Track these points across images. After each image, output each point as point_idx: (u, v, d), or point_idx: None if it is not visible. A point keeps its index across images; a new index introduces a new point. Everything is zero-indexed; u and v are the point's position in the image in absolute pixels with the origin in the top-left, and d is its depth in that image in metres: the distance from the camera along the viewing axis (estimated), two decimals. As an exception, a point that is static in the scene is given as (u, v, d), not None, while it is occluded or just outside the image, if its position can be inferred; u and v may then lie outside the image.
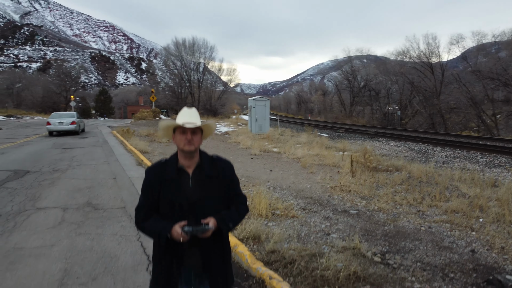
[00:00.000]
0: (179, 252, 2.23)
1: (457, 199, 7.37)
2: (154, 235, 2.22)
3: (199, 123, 2.24)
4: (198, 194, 2.23)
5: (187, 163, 2.27)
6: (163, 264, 2.26)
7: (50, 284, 3.97)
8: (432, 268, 4.42)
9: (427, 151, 15.93)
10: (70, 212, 6.62)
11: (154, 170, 2.31)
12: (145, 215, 2.26)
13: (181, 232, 2.09)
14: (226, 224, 2.25)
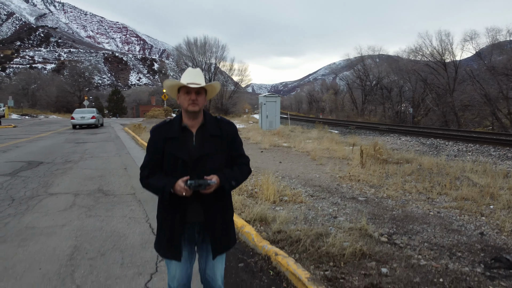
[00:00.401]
0: (182, 208, 2.26)
1: (468, 188, 7.28)
2: (158, 191, 2.27)
3: (203, 84, 2.27)
4: (201, 151, 2.26)
5: (191, 122, 2.31)
6: (167, 220, 2.31)
7: (60, 258, 4.05)
8: (439, 248, 4.39)
9: (438, 145, 15.75)
10: (81, 197, 6.74)
11: (159, 129, 2.35)
12: (150, 172, 2.31)
13: (184, 186, 2.13)
14: (229, 181, 2.28)
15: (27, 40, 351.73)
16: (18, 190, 7.19)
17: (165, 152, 2.28)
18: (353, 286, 3.37)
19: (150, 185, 2.30)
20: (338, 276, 3.56)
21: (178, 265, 2.35)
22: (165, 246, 2.34)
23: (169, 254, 2.34)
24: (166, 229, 2.31)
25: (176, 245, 2.30)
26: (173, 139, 2.27)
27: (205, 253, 2.42)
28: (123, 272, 3.76)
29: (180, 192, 2.16)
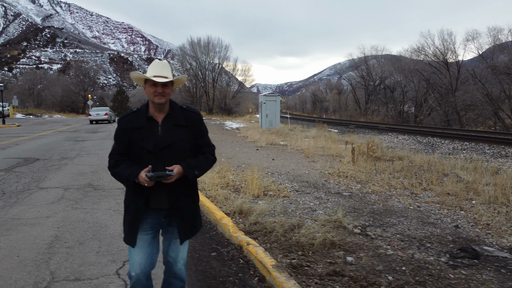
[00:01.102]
0: (145, 195, 2.33)
1: (453, 184, 7.34)
2: (123, 180, 2.34)
3: (170, 77, 2.32)
4: (166, 141, 2.32)
5: (157, 113, 2.37)
6: (131, 206, 2.39)
7: (39, 247, 4.19)
8: (411, 239, 4.48)
9: (435, 143, 15.78)
10: (70, 191, 6.89)
11: (126, 119, 2.41)
12: (117, 161, 2.37)
13: (145, 177, 2.18)
14: (192, 171, 2.35)
15: (33, 40, 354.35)
16: (10, 184, 7.36)
17: (132, 142, 2.33)
18: (316, 273, 3.47)
19: (116, 174, 2.36)
20: (303, 264, 3.66)
21: (140, 250, 2.36)
22: (126, 231, 2.42)
23: (127, 239, 2.40)
24: (129, 214, 2.39)
25: (135, 231, 2.35)
26: (140, 128, 2.32)
27: (169, 235, 2.47)
28: (97, 259, 3.89)
29: (142, 183, 2.22)
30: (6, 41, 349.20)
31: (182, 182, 2.34)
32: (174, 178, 2.25)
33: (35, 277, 3.44)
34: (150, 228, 2.40)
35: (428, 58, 41.30)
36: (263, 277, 3.53)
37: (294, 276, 3.37)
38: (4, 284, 3.30)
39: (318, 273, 3.46)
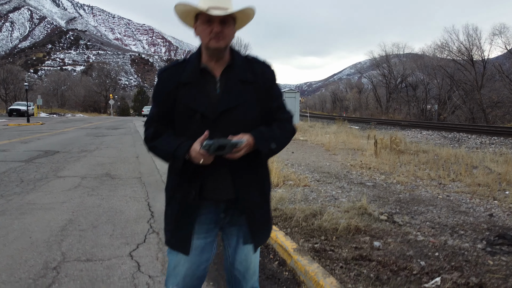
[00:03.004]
0: (200, 181, 1.65)
1: (484, 175, 6.95)
2: (167, 156, 1.66)
3: (231, 9, 1.61)
4: (227, 103, 1.63)
5: (213, 63, 1.67)
6: (179, 197, 1.69)
7: (52, 229, 4.08)
8: (442, 226, 4.18)
9: (460, 138, 15.21)
10: (87, 179, 6.81)
11: (168, 71, 1.73)
12: (156, 131, 1.70)
13: (200, 150, 1.50)
14: (267, 143, 1.64)
15: (58, 43, 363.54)
16: (29, 173, 7.35)
17: (178, 104, 1.66)
18: (340, 257, 3.22)
19: (156, 148, 1.70)
20: (327, 248, 3.42)
21: (185, 259, 1.69)
22: (170, 231, 1.74)
23: (173, 241, 1.72)
24: (174, 208, 1.72)
25: (185, 232, 1.68)
26: (189, 84, 1.65)
27: (234, 240, 1.77)
28: (110, 241, 3.74)
29: (196, 158, 1.54)
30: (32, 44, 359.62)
31: (251, 161, 1.65)
32: (242, 150, 1.54)
33: (45, 257, 3.31)
34: (205, 230, 1.72)
35: (452, 55, 40.23)
36: (283, 260, 3.31)
37: (317, 260, 3.13)
38: (13, 263, 3.18)
39: (343, 257, 3.21)
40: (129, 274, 3.02)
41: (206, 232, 1.72)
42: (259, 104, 1.70)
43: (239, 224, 1.73)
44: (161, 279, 2.94)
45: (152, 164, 8.76)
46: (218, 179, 1.66)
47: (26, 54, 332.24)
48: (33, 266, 3.13)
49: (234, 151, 1.52)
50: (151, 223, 4.36)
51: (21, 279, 2.89)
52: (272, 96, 1.75)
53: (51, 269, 3.08)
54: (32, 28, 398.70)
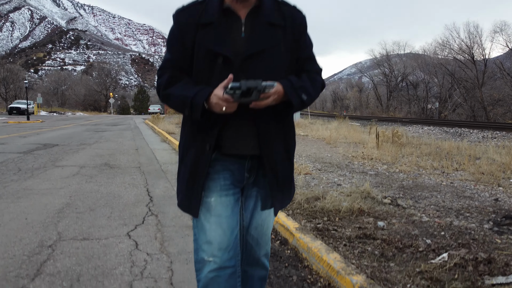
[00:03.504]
0: (218, 132, 1.43)
1: (488, 165, 6.86)
2: (183, 105, 1.40)
3: None
4: (254, 46, 1.41)
5: (238, 4, 1.44)
6: (193, 151, 1.46)
7: (49, 212, 3.99)
8: (447, 209, 4.09)
9: (462, 133, 15.12)
10: (86, 168, 6.73)
11: (186, 11, 1.48)
12: (172, 77, 1.46)
13: (224, 94, 1.28)
14: (298, 93, 1.41)
15: (58, 43, 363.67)
16: (27, 163, 7.26)
17: (196, 47, 1.43)
18: (344, 236, 3.13)
19: (171, 97, 1.45)
20: (329, 228, 3.33)
21: (219, 221, 1.43)
22: (183, 192, 1.50)
23: (186, 203, 1.49)
24: (187, 165, 1.48)
25: (197, 192, 1.45)
26: (210, 25, 1.42)
27: (252, 204, 1.57)
28: (108, 223, 3.66)
29: (218, 106, 1.31)
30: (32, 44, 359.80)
31: (278, 114, 1.46)
32: (270, 98, 1.33)
33: (41, 237, 3.22)
34: (231, 185, 1.48)
35: (452, 52, 40.15)
36: (285, 240, 3.22)
37: (320, 238, 3.04)
38: (8, 242, 3.09)
39: (347, 236, 3.12)
40: (126, 252, 2.93)
41: (233, 187, 1.48)
42: (288, 51, 1.48)
43: (261, 185, 1.54)
44: (159, 257, 2.86)
45: (152, 155, 8.68)
46: (239, 132, 1.43)
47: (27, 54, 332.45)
48: (28, 244, 3.05)
49: (261, 97, 1.30)
50: (150, 207, 4.27)
51: (15, 256, 2.81)
52: (303, 45, 1.54)
53: (46, 247, 3.00)
54: (33, 28, 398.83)
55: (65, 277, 2.48)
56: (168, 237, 3.29)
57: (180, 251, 2.99)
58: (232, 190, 1.48)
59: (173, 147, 10.27)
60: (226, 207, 1.44)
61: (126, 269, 2.63)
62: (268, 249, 1.65)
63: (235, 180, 1.49)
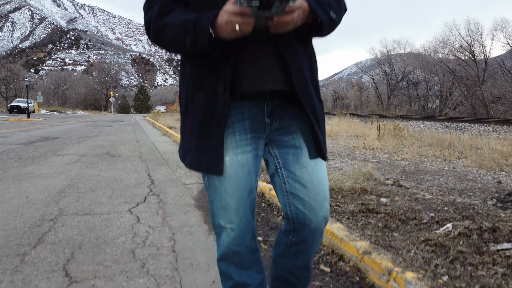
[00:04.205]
0: (232, 66, 1.11)
1: (489, 153, 6.84)
2: (185, 33, 1.06)
3: None
4: None
5: None
6: (198, 100, 1.16)
7: (50, 192, 3.97)
8: (450, 190, 4.07)
9: (463, 127, 15.10)
10: (87, 157, 6.71)
11: None
12: (164, 6, 1.14)
13: (237, 7, 0.96)
14: (324, 9, 1.12)
15: (58, 43, 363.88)
16: (28, 152, 7.25)
17: None
18: (347, 210, 3.12)
19: (166, 27, 1.11)
20: (332, 204, 3.31)
21: (235, 183, 1.18)
22: (190, 149, 1.20)
23: (201, 160, 1.17)
24: (195, 116, 1.17)
25: (215, 144, 1.14)
26: None
27: (289, 157, 1.22)
28: (109, 201, 3.64)
29: (230, 25, 0.99)
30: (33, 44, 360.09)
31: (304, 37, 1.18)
32: (295, 13, 1.02)
33: (42, 212, 3.21)
34: (249, 139, 1.20)
35: (453, 50, 40.11)
36: (287, 214, 3.20)
37: (323, 212, 3.02)
38: (9, 216, 3.07)
39: (350, 211, 3.10)
40: (128, 225, 2.91)
41: (252, 142, 1.19)
42: None
43: (293, 131, 1.22)
44: (161, 229, 2.84)
45: (153, 146, 8.67)
46: (259, 63, 1.13)
47: (27, 54, 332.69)
48: (29, 218, 3.03)
49: (287, 11, 0.99)
50: (151, 188, 4.26)
51: (16, 228, 2.79)
52: None
53: (47, 220, 2.98)
54: (33, 28, 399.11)
55: (67, 245, 2.46)
56: (169, 213, 3.28)
57: (182, 224, 2.97)
58: (251, 146, 1.19)
59: (174, 140, 10.25)
60: (243, 167, 1.18)
61: (128, 238, 2.61)
62: (327, 213, 1.26)
63: (253, 131, 1.19)
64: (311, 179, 1.22)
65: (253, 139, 1.20)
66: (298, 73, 1.15)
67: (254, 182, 1.23)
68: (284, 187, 1.24)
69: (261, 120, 1.20)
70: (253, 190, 1.24)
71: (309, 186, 1.22)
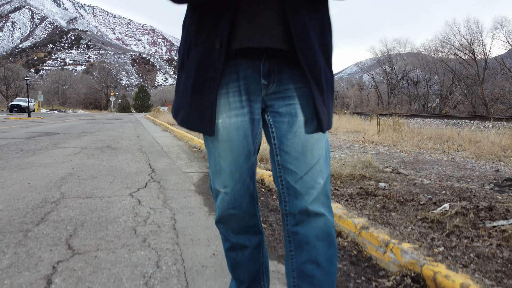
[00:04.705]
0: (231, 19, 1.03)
1: (488, 146, 6.87)
2: None
3: None
4: None
5: None
6: (194, 54, 1.11)
7: (51, 178, 4.01)
8: (448, 177, 4.10)
9: (463, 123, 15.14)
10: (88, 149, 6.75)
11: None
12: None
13: None
14: None
15: (59, 43, 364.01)
16: (29, 145, 7.29)
17: None
18: (346, 193, 3.15)
19: None
20: (331, 188, 3.35)
21: (229, 146, 1.12)
22: (183, 104, 1.15)
23: (194, 119, 1.13)
24: (190, 70, 1.11)
25: (207, 102, 1.09)
26: None
27: (285, 125, 1.12)
28: (110, 186, 3.67)
29: None
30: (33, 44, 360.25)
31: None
32: None
33: (44, 195, 3.24)
34: (243, 101, 1.12)
35: (453, 49, 40.13)
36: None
37: (322, 194, 3.06)
38: (11, 199, 3.11)
39: (348, 193, 3.14)
40: (129, 206, 2.95)
41: (243, 107, 1.11)
42: None
43: (290, 96, 1.12)
44: (162, 210, 2.87)
45: (153, 140, 8.71)
46: (258, 16, 1.04)
47: (27, 54, 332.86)
48: (31, 201, 3.07)
49: None
50: (152, 176, 4.29)
51: (19, 209, 2.82)
52: None
53: (49, 202, 3.02)
54: (33, 28, 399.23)
55: (69, 223, 2.50)
56: (170, 197, 3.31)
57: (182, 206, 3.01)
58: (246, 109, 1.11)
59: (174, 135, 10.29)
60: (237, 130, 1.11)
61: (129, 218, 2.65)
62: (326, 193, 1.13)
63: (248, 93, 1.12)
64: (304, 150, 1.10)
65: (247, 101, 1.12)
66: (300, 33, 1.04)
67: (252, 146, 1.14)
68: (276, 159, 1.14)
69: (257, 81, 1.11)
70: (251, 154, 1.15)
71: (301, 158, 1.09)
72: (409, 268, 1.78)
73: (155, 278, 1.73)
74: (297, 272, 1.17)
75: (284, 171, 1.12)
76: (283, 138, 1.11)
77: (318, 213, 1.11)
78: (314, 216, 1.11)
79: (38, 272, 1.76)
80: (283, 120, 1.11)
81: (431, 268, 1.66)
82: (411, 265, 1.77)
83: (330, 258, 1.15)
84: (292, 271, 1.19)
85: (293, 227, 1.14)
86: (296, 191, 1.10)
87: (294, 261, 1.17)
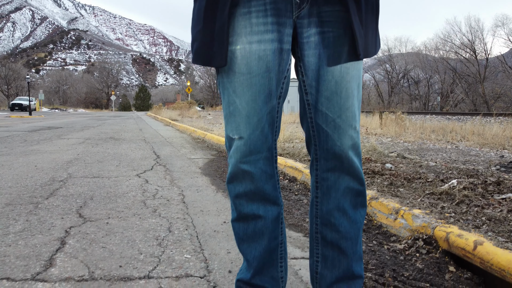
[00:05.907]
0: None
1: (492, 136, 6.88)
2: None
3: None
4: None
5: None
6: None
7: (57, 163, 4.02)
8: (453, 161, 4.11)
9: (465, 119, 15.14)
10: (91, 140, 6.77)
11: None
12: None
13: None
14: None
15: (59, 43, 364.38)
16: (32, 137, 7.30)
17: None
18: (352, 173, 3.16)
19: None
20: (338, 168, 3.36)
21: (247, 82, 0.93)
22: (201, 35, 0.94)
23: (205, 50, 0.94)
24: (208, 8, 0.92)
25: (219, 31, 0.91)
26: None
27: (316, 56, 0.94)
28: (117, 169, 3.68)
29: None
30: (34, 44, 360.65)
31: None
32: None
33: (51, 175, 3.25)
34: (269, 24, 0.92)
35: (454, 47, 40.12)
36: (294, 177, 3.25)
37: (329, 173, 3.07)
38: (19, 178, 3.12)
39: (355, 173, 3.15)
40: (137, 184, 2.96)
41: (268, 31, 0.91)
42: None
43: (325, 22, 0.93)
44: (170, 188, 2.88)
45: (156, 133, 8.72)
46: None
47: (28, 54, 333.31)
48: (39, 179, 3.08)
49: None
50: (157, 161, 4.30)
51: (28, 186, 2.83)
52: None
53: (57, 181, 3.03)
54: (34, 28, 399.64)
55: (79, 197, 2.51)
56: (177, 178, 3.32)
57: (189, 185, 3.01)
58: (272, 34, 0.92)
59: (176, 129, 10.30)
60: (259, 60, 0.92)
61: (138, 193, 2.66)
62: (357, 138, 1.01)
63: (276, 15, 0.91)
64: (338, 89, 0.94)
65: (275, 25, 0.91)
66: None
67: (275, 86, 0.95)
68: (305, 98, 0.98)
69: (287, 5, 0.91)
70: (273, 95, 0.95)
71: (335, 98, 0.94)
72: (421, 232, 1.78)
73: (168, 240, 1.74)
74: (321, 219, 1.07)
75: (315, 113, 0.98)
76: (313, 74, 0.95)
77: (351, 160, 0.99)
78: (347, 164, 0.99)
79: (51, 235, 1.77)
80: (314, 53, 0.94)
81: (444, 229, 1.67)
82: (422, 228, 1.78)
83: (358, 206, 1.05)
84: (315, 218, 1.08)
85: (323, 173, 1.02)
86: (328, 135, 0.97)
87: (319, 208, 1.06)
